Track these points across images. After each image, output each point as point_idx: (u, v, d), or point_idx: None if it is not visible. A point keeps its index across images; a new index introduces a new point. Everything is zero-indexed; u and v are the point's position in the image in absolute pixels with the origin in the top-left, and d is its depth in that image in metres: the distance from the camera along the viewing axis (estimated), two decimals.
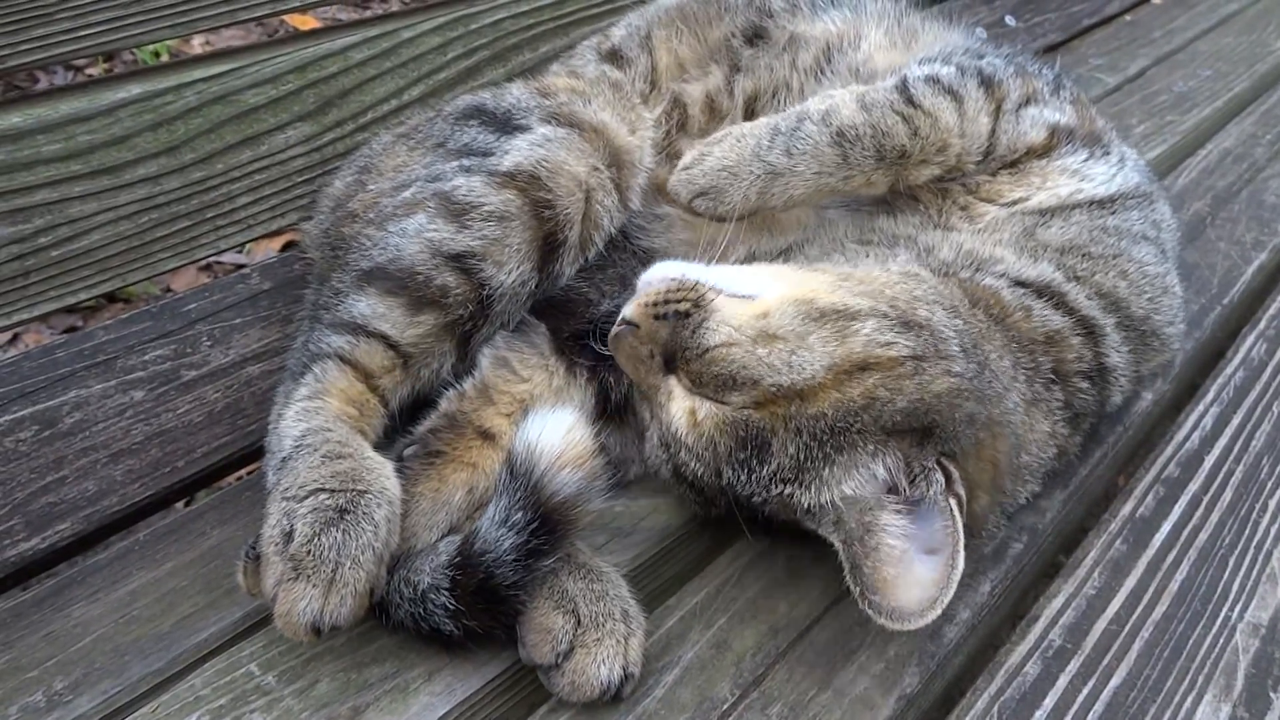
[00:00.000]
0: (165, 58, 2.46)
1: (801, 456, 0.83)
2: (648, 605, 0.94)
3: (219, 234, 1.31)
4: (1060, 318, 0.95)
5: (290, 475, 0.87)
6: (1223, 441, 1.12)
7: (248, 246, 2.15)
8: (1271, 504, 1.03)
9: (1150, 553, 0.98)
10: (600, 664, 0.83)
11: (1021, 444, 0.90)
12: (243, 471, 1.21)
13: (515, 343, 1.08)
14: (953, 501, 0.79)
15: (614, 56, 1.38)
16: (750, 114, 1.25)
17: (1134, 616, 0.91)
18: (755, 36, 1.33)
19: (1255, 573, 0.95)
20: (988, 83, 1.07)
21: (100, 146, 1.20)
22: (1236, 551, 0.98)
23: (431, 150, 1.18)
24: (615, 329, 0.93)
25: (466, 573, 0.84)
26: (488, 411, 1.03)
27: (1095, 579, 0.96)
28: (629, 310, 0.93)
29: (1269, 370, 1.24)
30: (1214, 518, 1.01)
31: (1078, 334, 0.96)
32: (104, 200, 1.20)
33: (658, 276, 0.94)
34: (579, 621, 0.85)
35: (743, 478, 0.86)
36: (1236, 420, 1.16)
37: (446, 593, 0.85)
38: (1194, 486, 1.05)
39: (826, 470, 0.83)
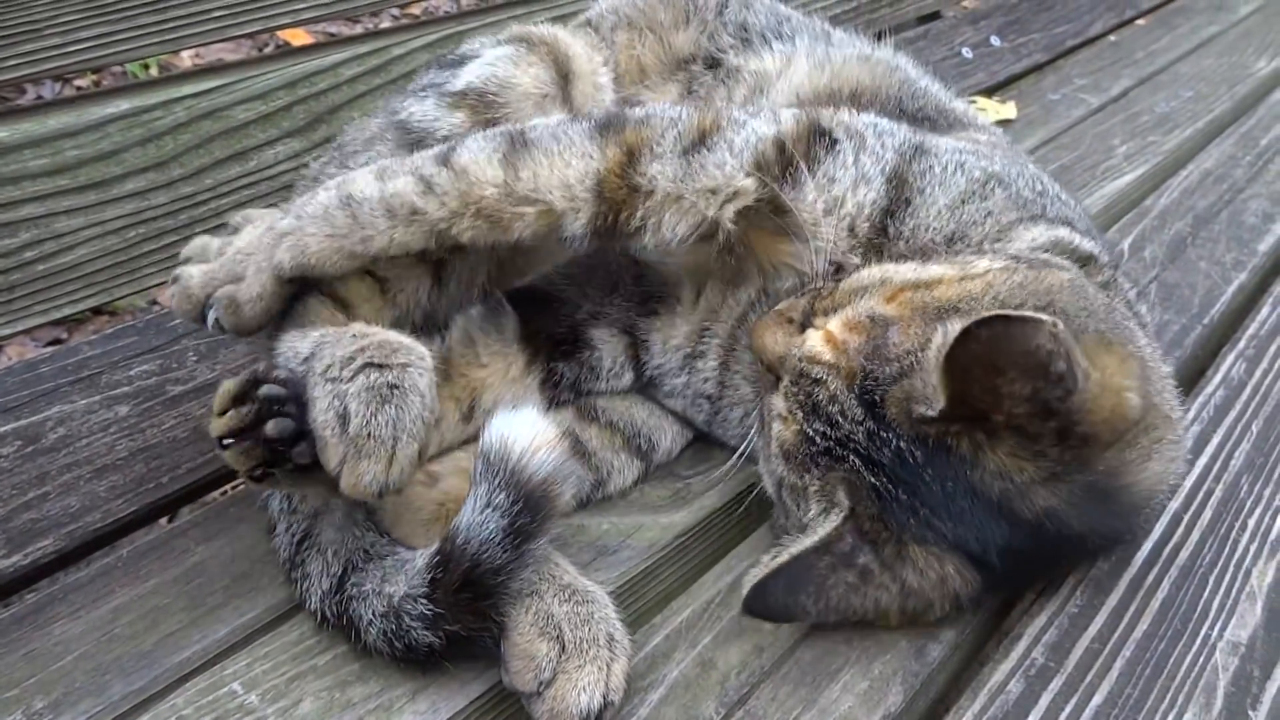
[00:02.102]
0: (154, 71, 2.46)
1: (928, 337, 0.83)
2: (634, 624, 0.95)
3: None
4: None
5: (325, 357, 0.87)
6: (1203, 460, 1.13)
7: None
8: (1250, 522, 1.05)
9: (1132, 571, 0.99)
10: (581, 691, 0.82)
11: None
12: (227, 487, 1.21)
13: (486, 325, 1.09)
14: (1061, 326, 0.76)
15: (586, 25, 1.39)
16: None
17: (1115, 635, 0.92)
18: (714, 64, 1.35)
19: (1235, 591, 0.96)
20: (613, 124, 0.98)
21: (88, 161, 1.20)
22: (1216, 570, 0.98)
23: (380, 111, 1.20)
24: (760, 317, 0.97)
25: (449, 569, 0.84)
26: (442, 391, 1.02)
27: (1078, 597, 0.96)
28: (777, 306, 0.97)
29: (1248, 390, 1.26)
30: (1194, 536, 1.02)
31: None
32: (91, 215, 1.21)
33: None
34: (563, 648, 0.84)
35: (875, 368, 0.84)
36: (1216, 439, 1.17)
37: (424, 600, 0.84)
38: (1174, 505, 1.06)
39: None
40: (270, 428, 0.85)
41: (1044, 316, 0.77)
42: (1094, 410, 0.80)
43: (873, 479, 0.85)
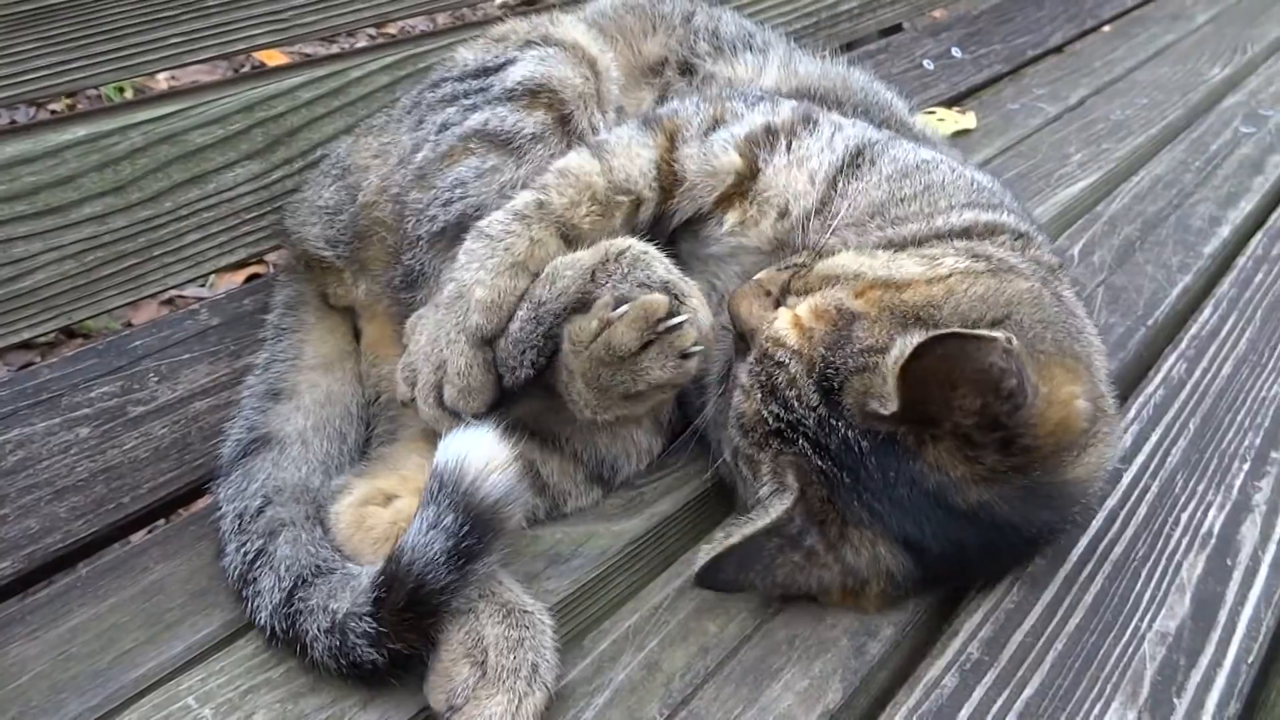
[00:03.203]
0: (129, 94, 2.49)
1: (891, 339, 0.87)
2: (584, 631, 0.97)
3: (166, 271, 1.33)
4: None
5: (577, 272, 1.00)
6: (1140, 458, 1.16)
7: (210, 279, 2.17)
8: (1184, 517, 1.07)
9: (1067, 566, 1.02)
10: None
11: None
12: (197, 504, 1.22)
13: None
14: (1015, 343, 0.81)
15: None
16: None
17: (1049, 628, 0.94)
18: (688, 70, 1.39)
19: (1165, 584, 0.99)
20: (653, 120, 1.16)
21: (45, 187, 1.21)
22: (1149, 564, 1.01)
23: (413, 129, 1.22)
24: (742, 284, 1.02)
25: (393, 589, 0.85)
26: None
27: (1014, 592, 0.99)
28: (758, 275, 1.02)
29: (1187, 389, 1.29)
30: (1129, 532, 1.05)
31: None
32: (49, 240, 1.22)
33: None
34: (484, 674, 0.85)
35: (837, 359, 0.88)
36: (1155, 437, 1.20)
37: (369, 618, 0.86)
38: (1111, 502, 1.09)
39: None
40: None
41: (998, 335, 0.80)
42: (1040, 424, 0.84)
43: (820, 462, 0.89)
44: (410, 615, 0.85)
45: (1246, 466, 1.16)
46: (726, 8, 1.56)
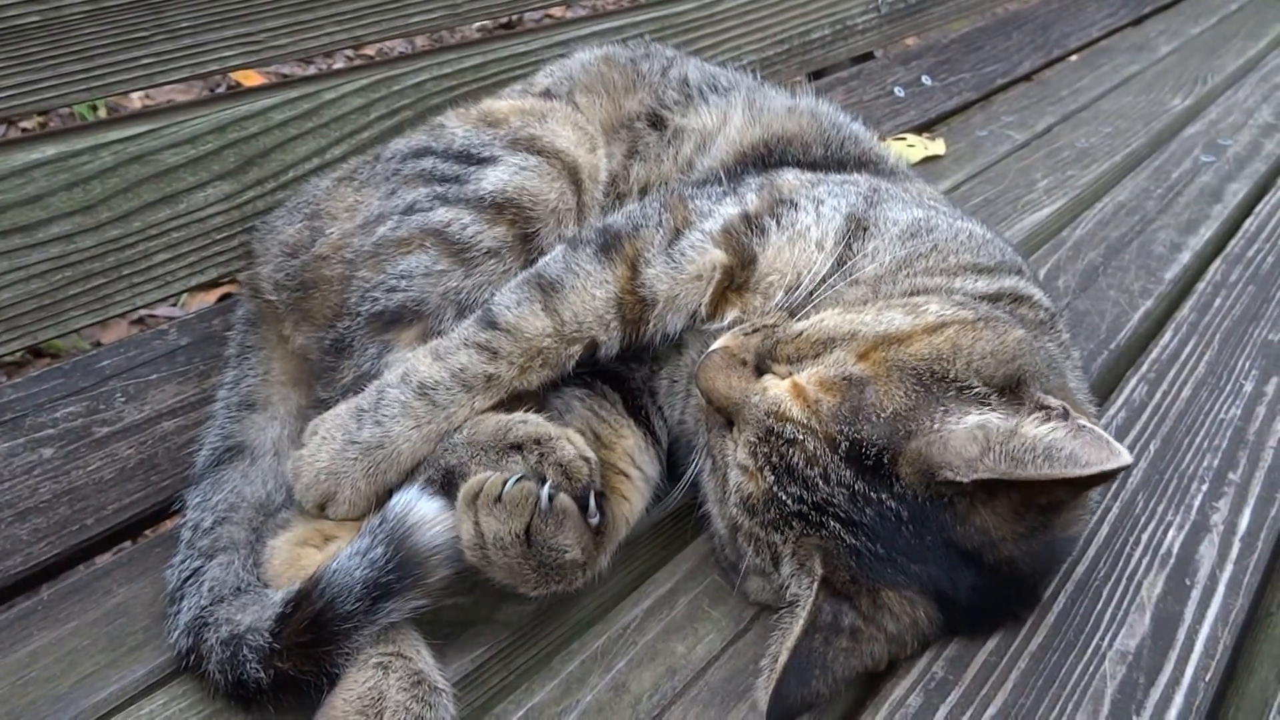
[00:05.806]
0: (103, 112, 2.48)
1: (914, 400, 0.85)
2: (552, 652, 0.97)
3: (135, 291, 1.32)
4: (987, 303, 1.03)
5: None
6: None
7: (183, 298, 2.15)
8: (1144, 538, 1.09)
9: None
10: None
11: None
12: (163, 525, 1.21)
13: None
14: (1080, 418, 0.81)
15: (547, 94, 1.44)
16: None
17: (1012, 648, 0.96)
18: (657, 121, 1.40)
19: (1126, 603, 1.01)
20: (612, 243, 1.09)
21: (12, 206, 1.21)
22: (1110, 583, 1.03)
23: (385, 196, 1.23)
24: (706, 355, 0.95)
25: (300, 606, 0.85)
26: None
27: None
28: (720, 341, 0.97)
29: (1148, 411, 1.32)
30: (1090, 551, 1.07)
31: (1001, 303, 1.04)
32: (15, 259, 1.21)
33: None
34: None
35: (864, 431, 0.84)
36: None
37: (267, 634, 0.86)
38: None
39: (943, 412, 0.84)
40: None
41: (1126, 461, 0.79)
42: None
43: (853, 540, 0.86)
44: (308, 637, 0.84)
45: (1205, 487, 1.18)
46: (693, 57, 1.58)
